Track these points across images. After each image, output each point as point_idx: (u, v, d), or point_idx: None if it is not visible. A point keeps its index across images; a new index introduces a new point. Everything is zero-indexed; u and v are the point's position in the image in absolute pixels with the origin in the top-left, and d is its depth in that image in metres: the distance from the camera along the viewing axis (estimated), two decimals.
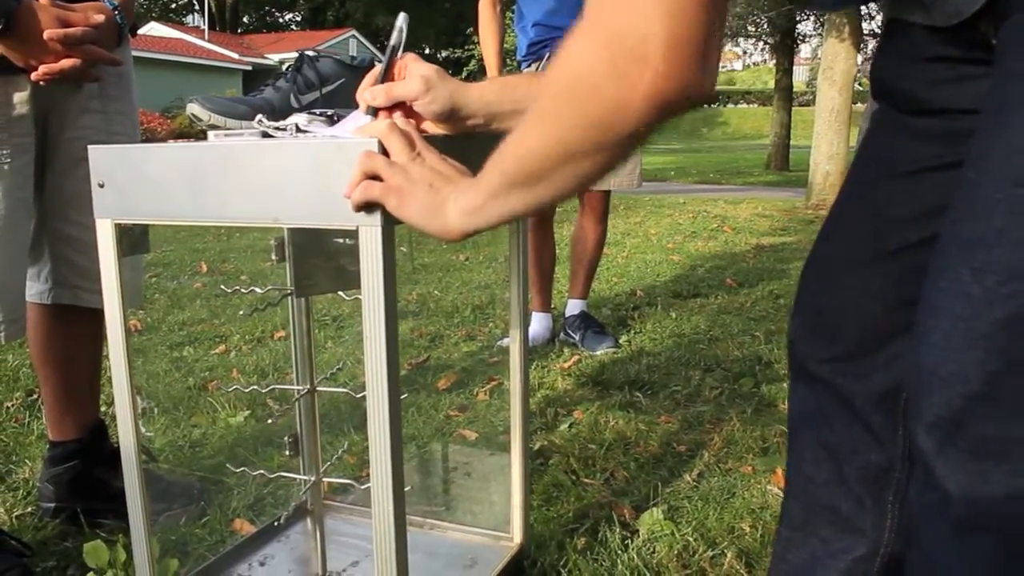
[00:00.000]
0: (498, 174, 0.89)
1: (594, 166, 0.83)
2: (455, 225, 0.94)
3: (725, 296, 4.10)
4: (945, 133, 0.84)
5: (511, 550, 1.60)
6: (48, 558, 1.69)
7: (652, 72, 0.73)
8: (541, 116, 0.84)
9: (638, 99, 0.74)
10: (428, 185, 0.95)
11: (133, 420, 1.27)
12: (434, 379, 2.84)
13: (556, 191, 0.87)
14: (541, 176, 0.85)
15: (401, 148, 0.98)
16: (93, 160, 1.17)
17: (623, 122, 0.77)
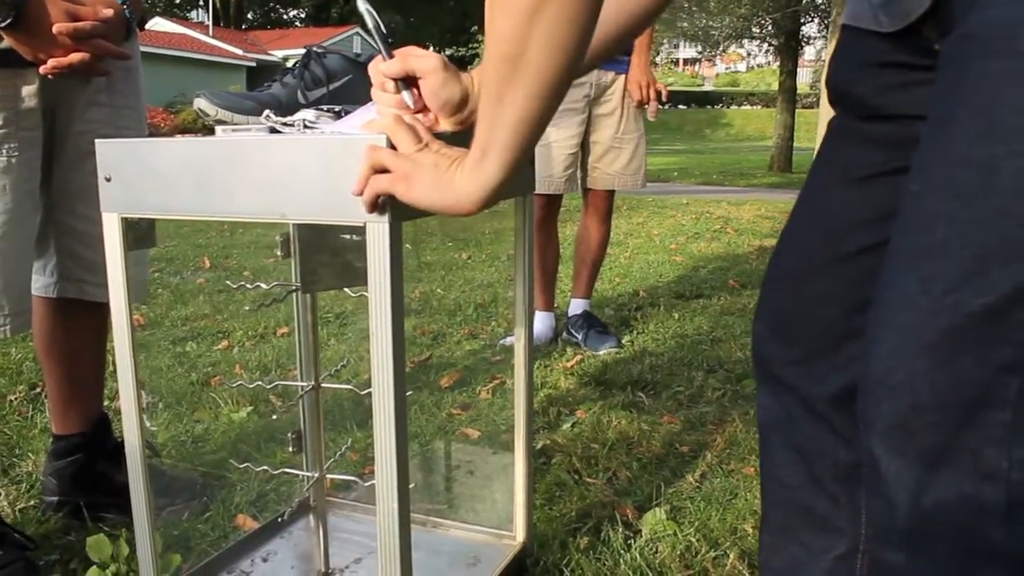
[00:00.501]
0: (485, 96, 0.88)
1: (558, 13, 0.79)
2: (465, 192, 0.93)
3: (728, 297, 4.10)
4: (896, 138, 0.85)
5: (514, 549, 1.60)
6: (51, 551, 1.69)
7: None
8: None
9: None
10: (434, 165, 0.95)
11: (138, 414, 1.27)
12: (436, 377, 2.84)
13: (537, 73, 0.83)
14: (517, 54, 0.82)
15: (408, 140, 0.98)
16: (100, 154, 1.17)
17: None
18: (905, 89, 0.82)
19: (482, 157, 0.90)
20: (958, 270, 0.67)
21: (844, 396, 0.94)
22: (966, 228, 0.67)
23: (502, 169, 0.90)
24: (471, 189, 0.92)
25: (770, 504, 1.07)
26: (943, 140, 0.70)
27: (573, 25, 0.80)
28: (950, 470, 0.68)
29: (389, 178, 0.97)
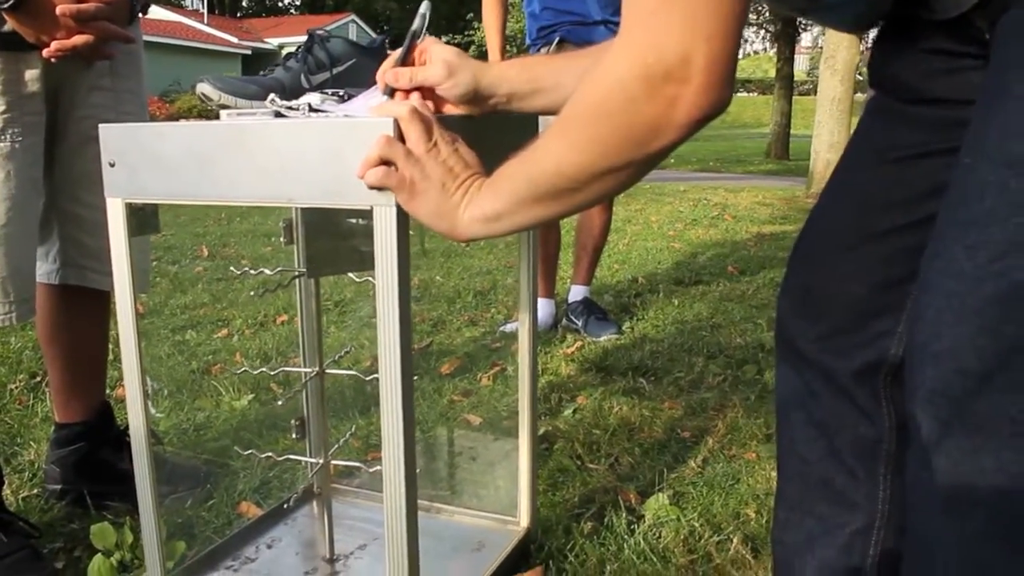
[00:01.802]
0: (525, 184, 0.90)
1: (621, 180, 0.86)
2: (464, 230, 0.95)
3: (727, 283, 4.10)
4: (937, 121, 0.86)
5: (518, 534, 1.60)
6: (55, 539, 1.69)
7: (692, 92, 0.77)
8: (573, 130, 0.86)
9: (677, 117, 0.78)
10: (441, 185, 0.96)
11: (143, 401, 1.26)
12: (437, 364, 2.83)
13: (581, 203, 0.90)
14: (571, 189, 0.87)
15: (419, 138, 0.97)
16: (104, 139, 1.17)
17: (659, 139, 0.80)
18: (951, 75, 0.83)
19: (502, 214, 0.93)
20: (1005, 238, 0.68)
21: (868, 371, 0.95)
22: (1015, 197, 0.67)
23: (517, 228, 0.95)
24: (474, 232, 0.96)
25: (787, 479, 1.07)
26: (997, 113, 0.70)
27: (627, 183, 0.88)
28: (990, 436, 0.69)
29: (397, 178, 0.97)
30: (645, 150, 0.81)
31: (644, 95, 0.78)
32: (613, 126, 0.81)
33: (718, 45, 0.75)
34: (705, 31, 0.75)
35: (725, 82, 0.77)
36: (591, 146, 0.84)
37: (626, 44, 0.79)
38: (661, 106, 0.77)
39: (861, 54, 8.83)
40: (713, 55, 0.75)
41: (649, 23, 0.77)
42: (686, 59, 0.75)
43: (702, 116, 0.78)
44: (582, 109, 0.84)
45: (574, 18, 3.05)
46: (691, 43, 0.75)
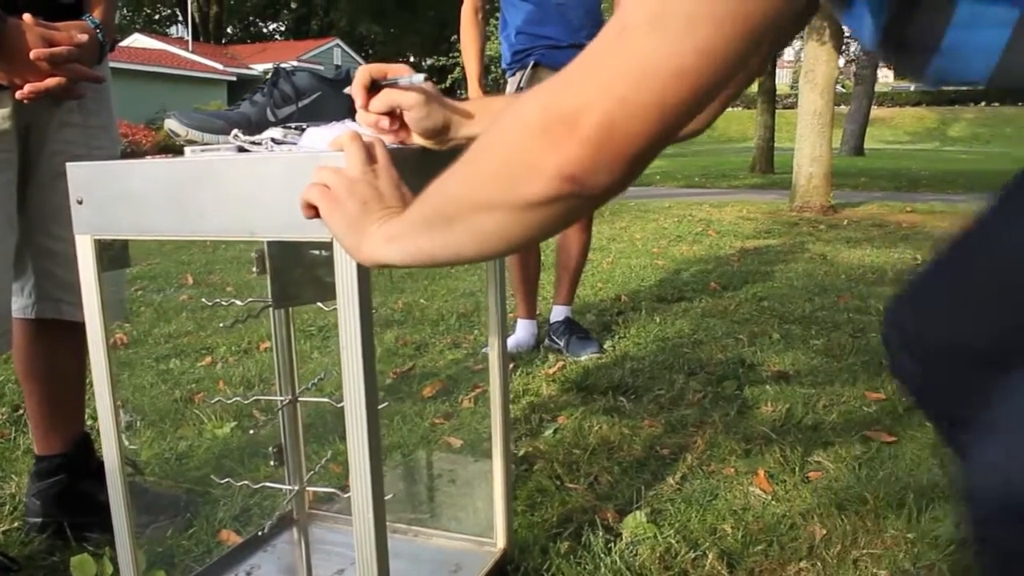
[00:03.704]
0: (418, 207, 0.87)
1: (494, 225, 0.78)
2: (368, 249, 0.90)
3: (709, 299, 4.13)
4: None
5: (495, 555, 1.62)
6: (36, 572, 1.69)
7: (575, 143, 0.69)
8: (465, 158, 0.81)
9: (548, 165, 0.71)
10: (363, 203, 0.93)
11: (116, 434, 1.28)
12: (419, 387, 2.85)
13: (459, 241, 0.82)
14: (449, 219, 0.82)
15: (356, 161, 0.98)
16: (72, 177, 1.19)
17: (526, 184, 0.73)
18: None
19: (398, 236, 0.88)
20: None
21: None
22: None
23: (410, 258, 0.88)
24: (374, 254, 0.91)
25: None
26: None
27: (503, 236, 0.80)
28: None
29: (321, 191, 0.96)
30: (510, 192, 0.75)
31: (529, 130, 0.72)
32: (491, 154, 0.78)
33: (627, 114, 0.68)
34: (621, 92, 0.68)
35: (616, 161, 0.69)
36: (468, 172, 0.80)
37: (550, 81, 0.74)
38: (539, 147, 0.71)
39: (841, 68, 8.90)
40: (613, 120, 0.68)
41: (582, 63, 0.71)
42: (585, 107, 0.68)
43: (572, 178, 0.70)
44: (487, 133, 0.80)
45: (548, 42, 3.09)
46: (600, 95, 0.68)
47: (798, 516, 1.82)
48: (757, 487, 1.97)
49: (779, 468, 2.08)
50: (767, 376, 2.85)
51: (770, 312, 3.80)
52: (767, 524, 1.80)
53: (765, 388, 2.69)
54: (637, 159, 0.70)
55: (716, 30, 0.66)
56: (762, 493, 1.95)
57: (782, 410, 2.47)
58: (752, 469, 2.08)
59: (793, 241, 6.06)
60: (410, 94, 1.12)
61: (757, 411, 2.50)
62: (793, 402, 2.54)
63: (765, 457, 2.15)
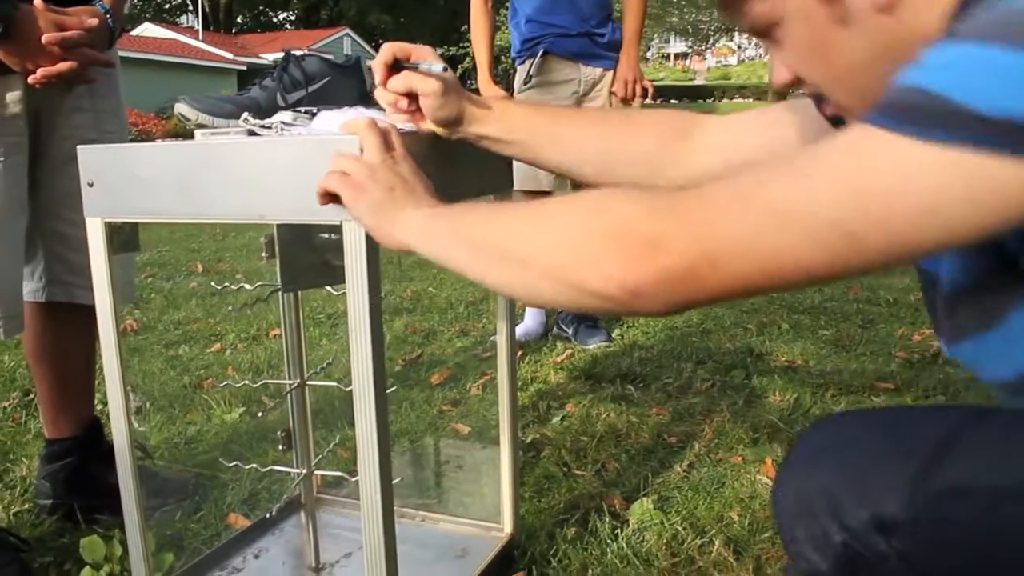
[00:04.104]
0: (464, 226, 0.88)
1: (536, 284, 0.80)
2: (401, 236, 0.92)
3: None
4: None
5: (501, 540, 1.62)
6: (46, 553, 1.71)
7: (652, 268, 0.69)
8: (538, 212, 0.83)
9: (616, 272, 0.71)
10: (389, 189, 0.95)
11: (126, 417, 1.29)
12: (427, 374, 2.86)
13: (494, 276, 0.85)
14: (495, 256, 0.84)
15: (375, 147, 0.99)
16: (83, 160, 1.19)
17: (585, 273, 0.73)
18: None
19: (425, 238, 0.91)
20: None
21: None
22: None
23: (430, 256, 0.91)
24: (404, 241, 0.92)
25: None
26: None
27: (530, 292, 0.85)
28: None
29: (342, 179, 0.97)
30: (568, 271, 0.75)
31: (619, 231, 0.72)
32: (571, 229, 0.77)
33: (716, 277, 0.68)
34: (722, 254, 0.68)
35: (684, 301, 0.70)
36: (542, 231, 0.80)
37: (661, 195, 0.74)
38: (618, 252, 0.71)
39: None
40: (701, 273, 0.68)
41: (697, 201, 0.71)
42: (679, 244, 0.69)
43: (636, 292, 0.70)
44: (572, 203, 0.80)
45: (558, 30, 3.08)
46: (700, 243, 0.68)
47: None
48: (764, 475, 1.98)
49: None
50: (775, 366, 2.85)
51: (779, 302, 3.79)
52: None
53: (773, 377, 2.69)
54: (692, 305, 0.72)
55: (848, 244, 0.64)
56: (769, 481, 1.95)
57: (790, 399, 2.47)
58: (760, 458, 2.08)
59: None
60: (429, 81, 1.12)
61: (765, 400, 2.50)
62: (801, 392, 2.53)
63: (773, 446, 2.15)
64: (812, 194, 0.65)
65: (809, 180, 0.66)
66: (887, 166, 0.62)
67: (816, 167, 0.66)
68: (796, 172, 0.67)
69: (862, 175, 0.63)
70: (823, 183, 0.65)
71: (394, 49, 1.15)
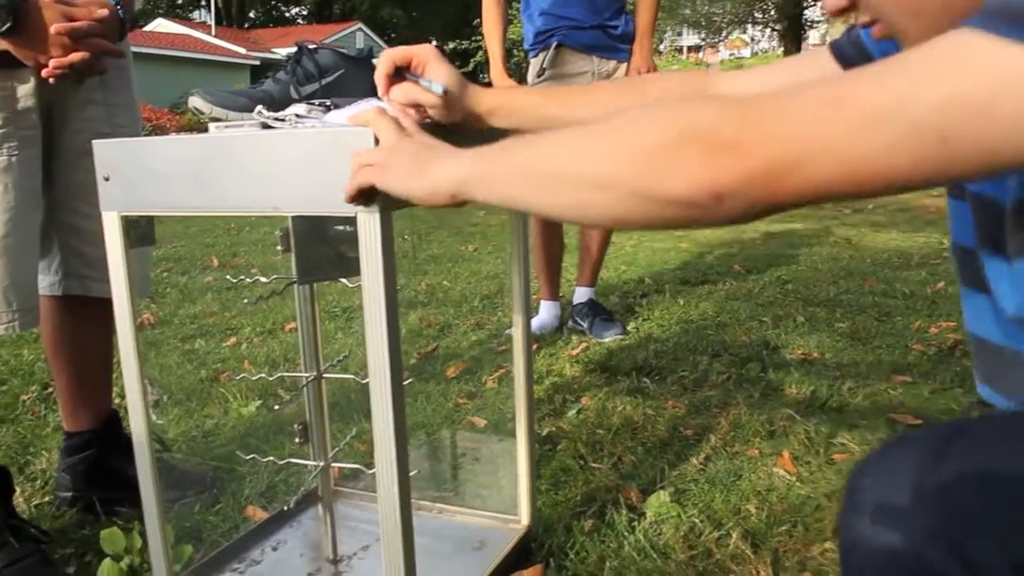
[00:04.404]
0: (505, 157, 0.86)
1: (611, 204, 0.76)
2: (444, 187, 0.89)
3: (733, 282, 4.11)
4: None
5: (518, 532, 1.62)
6: (66, 545, 1.72)
7: (738, 170, 0.68)
8: (592, 133, 0.79)
9: (702, 175, 0.69)
10: (413, 155, 0.94)
11: (144, 409, 1.29)
12: (443, 368, 2.86)
13: (558, 204, 0.82)
14: (552, 182, 0.81)
15: (389, 131, 0.99)
16: (98, 154, 1.20)
17: (669, 181, 0.71)
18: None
19: (467, 183, 0.88)
20: None
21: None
22: None
23: (482, 200, 0.88)
24: (450, 189, 0.90)
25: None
26: None
27: (607, 214, 0.79)
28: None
29: (367, 168, 0.97)
30: (648, 181, 0.72)
31: (701, 135, 0.70)
32: (642, 138, 0.74)
33: (802, 178, 0.66)
34: (808, 155, 0.65)
35: (768, 203, 0.68)
36: (605, 147, 0.77)
37: (739, 100, 0.71)
38: (702, 154, 0.69)
39: None
40: (788, 175, 0.66)
41: (780, 103, 0.68)
42: (765, 144, 0.67)
43: (722, 196, 0.68)
44: (636, 116, 0.78)
45: (571, 23, 3.08)
46: (785, 142, 0.66)
47: (823, 497, 1.82)
48: (781, 468, 1.97)
49: (804, 450, 2.07)
50: (791, 358, 2.84)
51: (795, 295, 3.78)
52: (792, 505, 1.79)
53: (789, 370, 2.68)
54: (773, 210, 0.70)
55: (940, 149, 0.62)
56: (786, 474, 1.94)
57: (807, 392, 2.46)
58: (776, 450, 2.07)
59: (818, 225, 6.01)
60: (430, 95, 1.12)
61: (781, 393, 2.49)
62: (818, 384, 2.52)
63: (789, 439, 2.14)
64: (906, 97, 0.62)
65: (904, 83, 0.63)
66: (992, 71, 0.59)
67: (911, 70, 0.63)
68: (889, 75, 0.64)
69: (963, 79, 0.60)
70: (919, 86, 0.62)
71: (393, 58, 1.15)
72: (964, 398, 2.38)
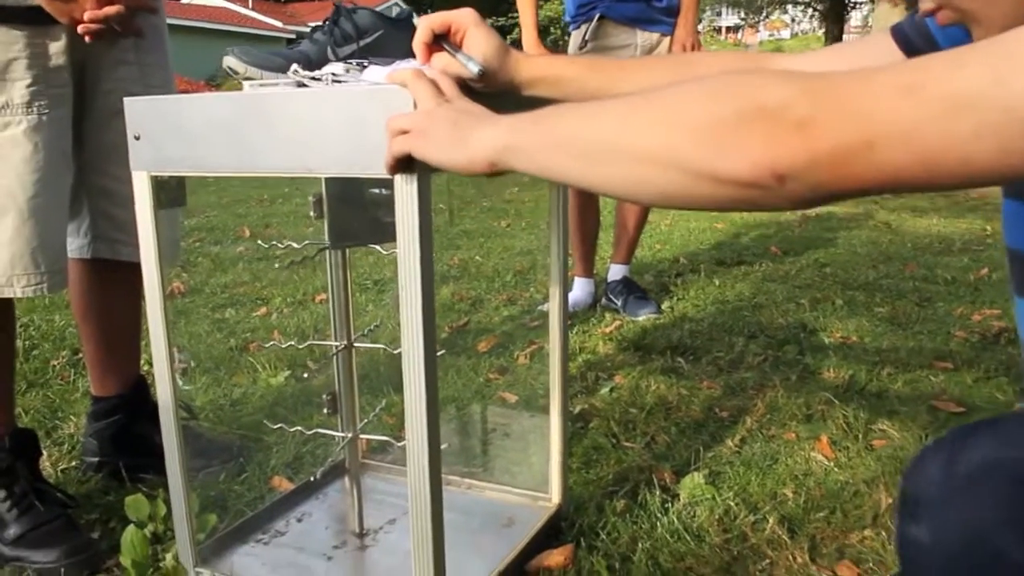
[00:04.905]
0: (548, 126, 0.81)
1: (662, 180, 0.72)
2: (482, 155, 0.85)
3: (770, 264, 4.03)
4: None
5: (549, 510, 1.59)
6: (91, 510, 1.71)
7: (802, 149, 0.64)
8: (643, 104, 0.75)
9: (763, 154, 0.65)
10: (453, 123, 0.90)
11: (170, 374, 1.27)
12: (474, 342, 2.83)
13: (604, 178, 0.77)
14: (599, 155, 0.76)
15: (427, 96, 0.95)
16: (129, 112, 1.17)
17: (727, 159, 0.67)
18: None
19: (508, 151, 0.84)
20: None
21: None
22: None
23: (522, 170, 0.84)
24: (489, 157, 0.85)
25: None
26: None
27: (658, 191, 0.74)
28: None
29: (405, 136, 0.93)
30: (705, 159, 0.68)
31: (764, 112, 0.66)
32: (699, 112, 0.70)
33: (870, 161, 0.62)
34: (879, 137, 0.61)
35: (832, 186, 0.64)
36: (658, 119, 0.73)
37: (804, 77, 0.67)
38: (764, 131, 0.65)
39: None
40: (856, 158, 0.62)
41: (850, 85, 0.64)
42: (832, 125, 0.63)
43: (784, 176, 0.65)
44: (693, 88, 0.73)
45: None
46: (854, 125, 0.62)
47: (862, 484, 1.77)
48: (819, 453, 1.92)
49: (842, 435, 2.02)
50: (829, 342, 2.78)
51: (832, 278, 3.70)
52: (830, 490, 1.74)
53: (827, 354, 2.62)
54: (838, 196, 0.66)
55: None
56: (824, 459, 1.89)
57: (845, 376, 2.40)
58: (814, 435, 2.02)
59: (857, 209, 5.90)
60: (467, 70, 1.08)
61: (819, 376, 2.43)
62: (856, 369, 2.46)
63: (827, 423, 2.09)
64: (995, 82, 0.58)
65: (992, 69, 0.58)
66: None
67: (999, 56, 0.59)
68: (975, 61, 0.60)
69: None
70: (1009, 71, 0.57)
71: (432, 25, 1.10)
72: (1009, 387, 2.32)
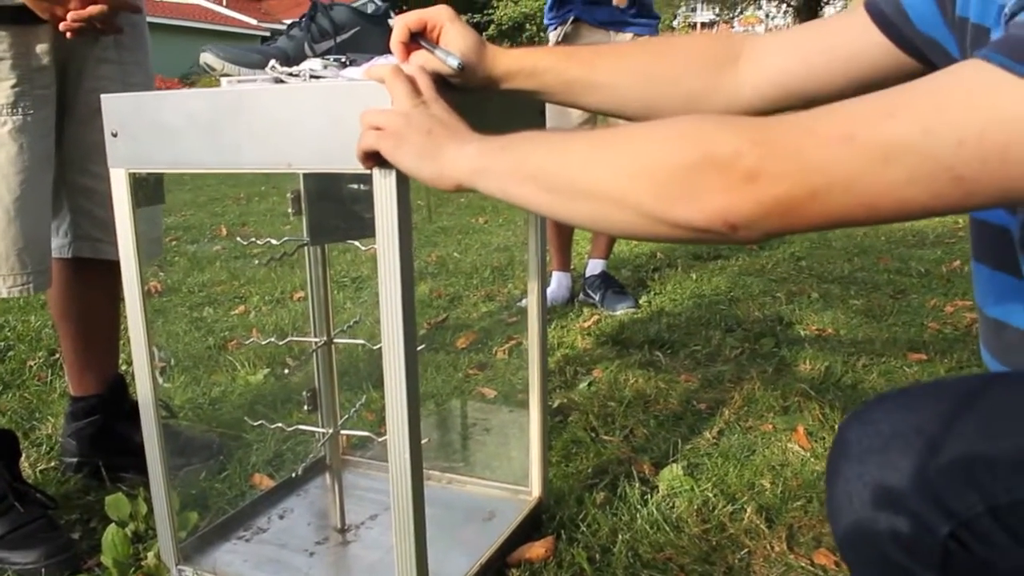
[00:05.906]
0: (519, 156, 0.84)
1: (618, 219, 0.76)
2: (452, 175, 0.88)
3: (746, 258, 4.06)
4: None
5: (529, 504, 1.60)
6: (71, 511, 1.70)
7: (750, 200, 0.67)
8: (607, 140, 0.79)
9: (714, 204, 0.69)
10: (427, 132, 0.91)
11: (150, 372, 1.27)
12: (453, 338, 2.83)
13: (568, 210, 0.81)
14: (564, 190, 0.80)
15: (403, 95, 0.95)
16: (106, 109, 1.17)
17: (680, 207, 0.71)
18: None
19: (477, 175, 0.86)
20: None
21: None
22: None
23: (486, 192, 0.87)
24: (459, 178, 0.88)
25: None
26: None
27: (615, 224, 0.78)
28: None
29: (378, 134, 0.94)
30: (660, 205, 0.72)
31: (714, 161, 0.69)
32: (655, 158, 0.73)
33: (814, 208, 0.66)
34: (820, 187, 0.65)
35: (781, 230, 0.68)
36: (620, 161, 0.76)
37: (752, 125, 0.71)
38: (714, 182, 0.69)
39: None
40: (800, 205, 0.66)
41: (790, 133, 0.68)
42: (777, 174, 0.67)
43: (735, 225, 0.68)
44: (653, 129, 0.77)
45: None
46: (798, 173, 0.66)
47: None
48: (796, 444, 1.94)
49: (818, 425, 2.04)
50: (805, 334, 2.80)
51: (808, 271, 3.74)
52: (806, 480, 1.76)
53: (803, 346, 2.64)
54: (790, 234, 0.72)
55: (956, 187, 0.62)
56: (801, 450, 1.91)
57: (821, 368, 2.43)
58: (791, 426, 2.04)
59: None
60: (447, 65, 1.08)
61: (795, 369, 2.46)
62: (832, 360, 2.49)
63: (804, 414, 2.11)
64: (922, 133, 0.62)
65: (919, 116, 0.62)
66: (1011, 112, 0.59)
67: (926, 103, 0.63)
68: (904, 107, 0.64)
69: (980, 117, 0.60)
70: (935, 122, 0.62)
71: (408, 23, 1.10)
72: None
